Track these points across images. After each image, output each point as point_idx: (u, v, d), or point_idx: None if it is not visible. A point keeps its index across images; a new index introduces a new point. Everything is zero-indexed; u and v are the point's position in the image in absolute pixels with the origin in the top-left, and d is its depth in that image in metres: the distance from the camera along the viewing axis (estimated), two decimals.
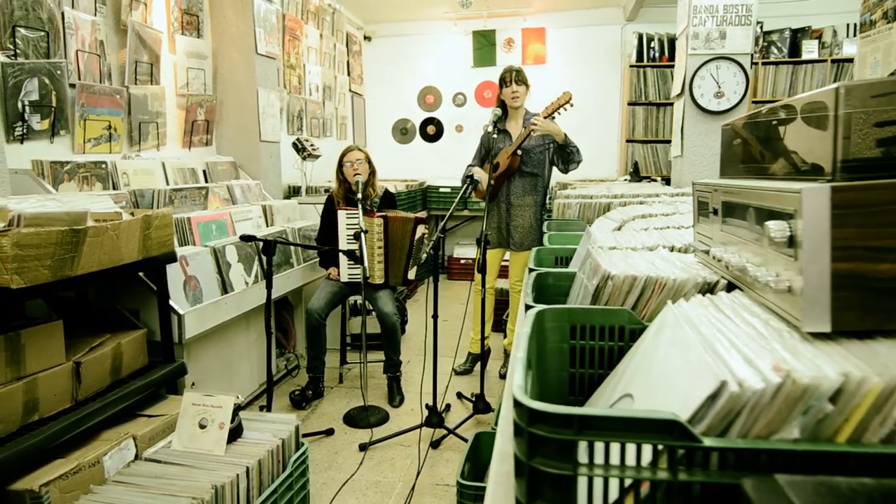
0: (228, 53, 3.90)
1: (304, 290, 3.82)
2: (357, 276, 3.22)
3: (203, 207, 3.20)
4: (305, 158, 4.55)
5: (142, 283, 2.41)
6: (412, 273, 3.41)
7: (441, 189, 6.23)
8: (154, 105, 3.29)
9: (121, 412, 2.03)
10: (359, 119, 6.70)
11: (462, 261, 6.39)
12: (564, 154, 3.37)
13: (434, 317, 2.90)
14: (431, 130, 6.87)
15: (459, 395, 3.33)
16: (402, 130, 6.95)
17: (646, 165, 6.00)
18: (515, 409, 0.64)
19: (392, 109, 6.92)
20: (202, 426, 1.90)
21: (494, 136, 3.27)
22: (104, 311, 2.33)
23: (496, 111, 3.27)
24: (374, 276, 3.31)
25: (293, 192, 4.76)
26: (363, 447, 2.75)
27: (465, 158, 3.75)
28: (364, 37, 6.78)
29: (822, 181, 0.66)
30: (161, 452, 1.85)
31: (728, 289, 0.95)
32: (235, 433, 1.92)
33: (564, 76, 6.37)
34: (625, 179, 5.21)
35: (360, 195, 3.11)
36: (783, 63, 5.56)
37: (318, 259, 3.61)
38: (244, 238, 2.71)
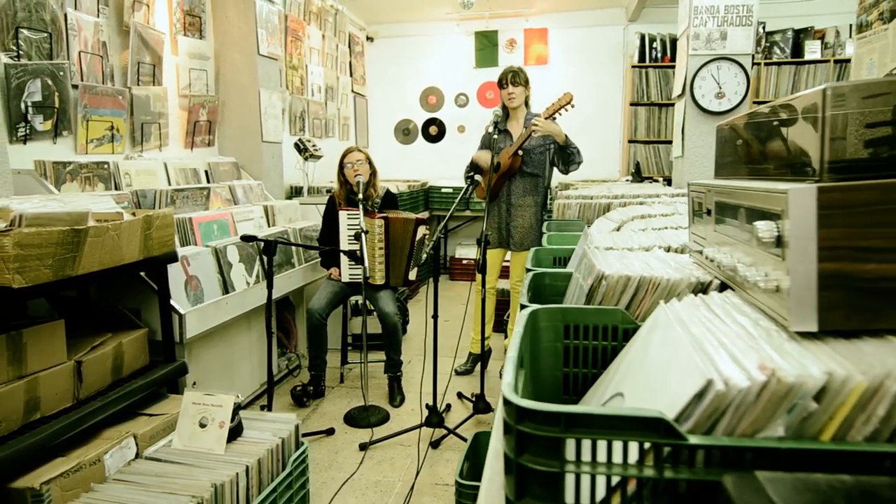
0: (230, 54, 3.92)
1: (306, 290, 3.84)
2: (358, 277, 3.23)
3: (205, 208, 3.22)
4: (307, 159, 4.56)
5: (143, 283, 2.42)
6: (413, 273, 3.42)
7: (443, 189, 6.24)
8: (156, 106, 3.31)
9: (122, 411, 2.05)
10: (361, 119, 6.71)
11: (464, 261, 6.40)
12: (565, 155, 3.37)
13: (434, 317, 2.91)
14: (434, 131, 6.88)
15: (460, 395, 3.34)
16: (405, 131, 6.96)
17: (648, 166, 6.00)
18: (504, 407, 0.64)
19: (394, 110, 6.93)
20: (202, 425, 1.91)
21: (495, 137, 3.28)
22: (106, 311, 2.35)
23: (497, 111, 3.27)
24: (375, 277, 3.32)
25: (295, 193, 4.77)
26: (363, 447, 2.76)
27: (467, 159, 3.75)
28: (367, 37, 6.79)
29: (810, 182, 0.66)
30: (161, 451, 1.86)
31: (721, 289, 0.95)
32: (235, 432, 1.93)
33: (567, 77, 6.37)
34: (627, 180, 5.20)
35: (361, 196, 3.12)
36: (785, 63, 5.55)
37: (320, 259, 3.62)
38: (245, 238, 2.72)
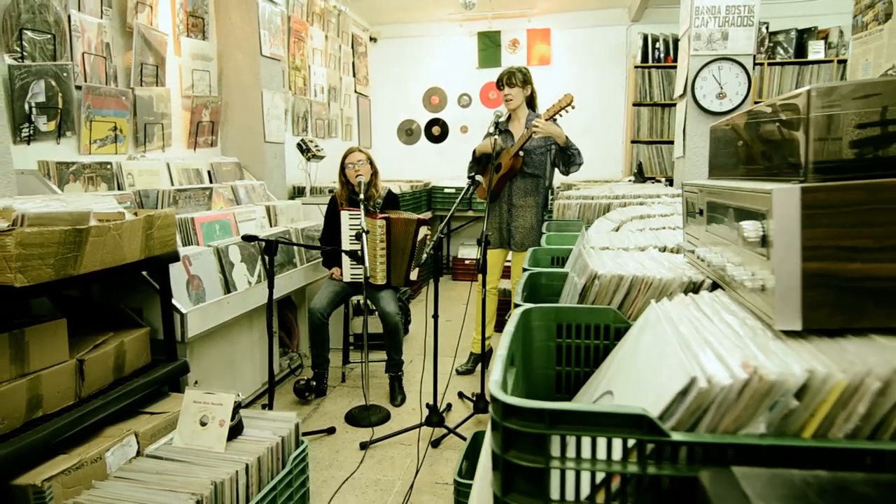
0: (233, 55, 3.94)
1: (308, 290, 3.85)
2: (360, 277, 3.24)
3: (207, 208, 3.23)
4: (310, 159, 4.58)
5: (145, 283, 2.44)
6: (414, 274, 3.43)
7: (446, 190, 6.25)
8: (159, 106, 3.33)
9: (123, 409, 2.06)
10: (364, 120, 6.73)
11: (466, 261, 6.41)
12: (566, 156, 3.38)
13: (434, 316, 2.92)
14: (436, 131, 6.89)
15: (461, 395, 3.34)
16: (408, 131, 6.98)
17: (650, 166, 5.99)
18: (492, 404, 0.65)
19: (397, 110, 6.95)
20: (203, 423, 1.92)
21: (496, 137, 3.29)
22: (108, 310, 2.36)
23: (499, 111, 3.28)
24: (377, 277, 3.33)
25: (298, 193, 4.79)
26: (364, 446, 2.77)
27: (470, 159, 3.77)
28: (370, 38, 6.81)
29: (795, 182, 0.67)
30: (162, 449, 1.88)
31: (713, 288, 0.96)
32: (236, 431, 1.94)
33: (569, 77, 6.38)
34: (629, 180, 5.20)
35: (363, 196, 3.13)
36: (789, 64, 5.53)
37: (322, 259, 3.63)
38: (246, 238, 2.73)
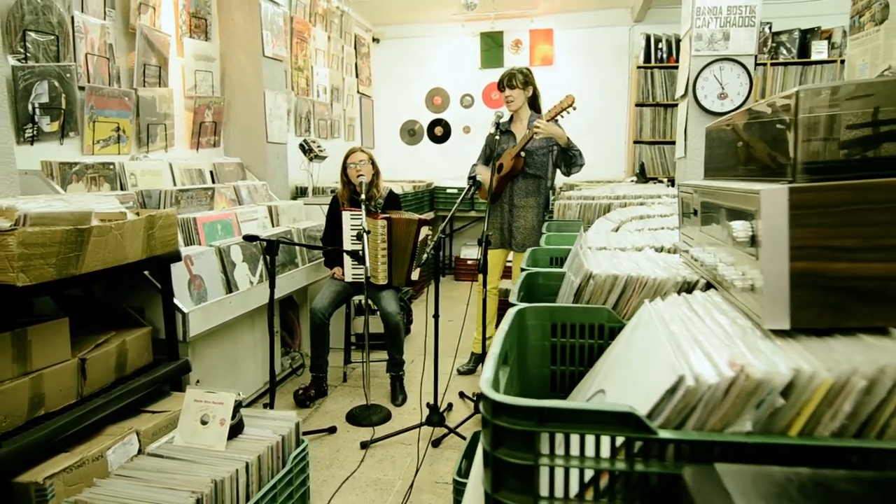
0: (236, 56, 3.96)
1: (309, 290, 3.86)
2: (361, 277, 3.25)
3: (209, 208, 3.25)
4: (312, 160, 4.59)
5: (147, 282, 2.45)
6: (416, 274, 3.44)
7: (448, 190, 6.26)
8: (162, 107, 3.35)
9: (125, 408, 2.08)
10: (367, 120, 6.74)
11: (469, 261, 6.41)
12: (567, 157, 3.39)
13: (435, 316, 2.93)
14: (439, 131, 6.90)
15: (461, 395, 3.35)
16: (410, 132, 6.99)
17: (653, 166, 5.99)
18: (482, 402, 0.66)
19: (400, 111, 6.96)
20: (204, 422, 1.93)
21: (497, 138, 3.30)
22: (110, 309, 2.38)
23: (500, 112, 3.29)
24: (378, 277, 3.34)
25: (300, 193, 4.80)
26: (364, 445, 2.78)
27: (473, 159, 3.78)
28: (372, 39, 6.83)
29: (784, 182, 0.67)
30: (163, 447, 1.89)
31: (706, 288, 0.96)
32: (236, 429, 1.95)
33: (572, 77, 6.37)
34: (631, 180, 5.20)
35: (364, 196, 3.14)
36: (792, 64, 5.52)
37: (324, 259, 3.64)
38: (247, 238, 2.75)
